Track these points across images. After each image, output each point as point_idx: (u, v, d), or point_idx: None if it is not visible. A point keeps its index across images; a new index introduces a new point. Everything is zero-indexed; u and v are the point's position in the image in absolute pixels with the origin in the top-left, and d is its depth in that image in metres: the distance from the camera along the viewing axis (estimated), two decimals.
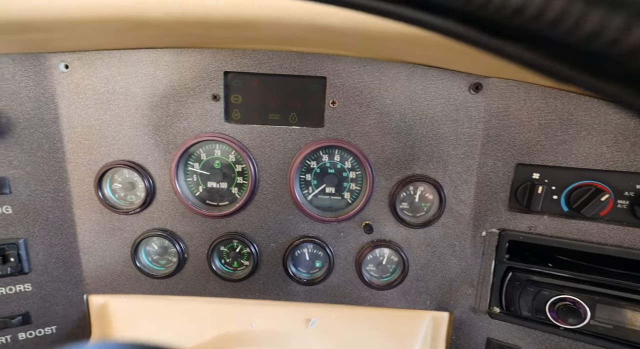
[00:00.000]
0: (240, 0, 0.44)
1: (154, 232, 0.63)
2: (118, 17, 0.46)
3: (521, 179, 0.57)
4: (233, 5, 0.45)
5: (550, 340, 0.59)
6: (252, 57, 0.57)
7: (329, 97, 0.59)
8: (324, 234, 0.64)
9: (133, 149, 0.60)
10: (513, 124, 0.56)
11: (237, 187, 0.64)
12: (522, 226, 0.58)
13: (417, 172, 0.61)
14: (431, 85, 0.58)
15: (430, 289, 0.65)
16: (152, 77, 0.57)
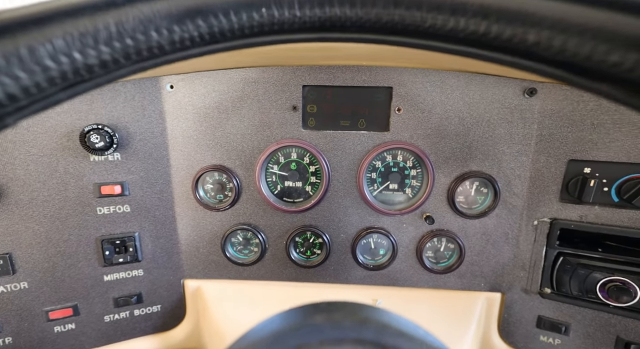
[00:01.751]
0: None
1: (240, 226, 0.73)
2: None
3: (573, 173, 0.63)
4: None
5: (600, 317, 0.65)
6: (327, 72, 0.66)
7: (394, 105, 0.66)
8: (388, 225, 0.73)
9: (224, 155, 0.70)
10: (566, 124, 0.62)
11: (310, 186, 0.73)
12: (573, 216, 0.64)
13: (473, 169, 0.68)
14: (488, 91, 0.64)
15: (485, 273, 0.73)
16: (241, 92, 0.67)
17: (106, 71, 0.22)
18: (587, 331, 0.67)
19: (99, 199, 0.66)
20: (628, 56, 0.17)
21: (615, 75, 0.19)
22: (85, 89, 0.23)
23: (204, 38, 0.23)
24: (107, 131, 0.60)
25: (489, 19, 0.21)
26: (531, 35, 0.20)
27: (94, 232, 0.67)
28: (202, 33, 0.23)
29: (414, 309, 0.75)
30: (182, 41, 0.22)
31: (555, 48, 0.20)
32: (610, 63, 0.19)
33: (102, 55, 0.20)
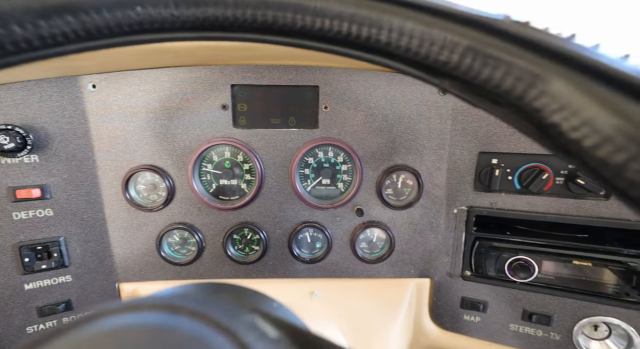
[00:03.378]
0: None
1: (175, 226, 0.73)
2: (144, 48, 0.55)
3: (483, 164, 0.69)
4: None
5: (510, 293, 0.72)
6: (255, 71, 0.67)
7: (321, 103, 0.69)
8: (322, 219, 0.76)
9: (154, 155, 0.69)
10: (475, 120, 0.68)
11: (245, 183, 0.74)
12: (485, 203, 0.71)
13: (398, 162, 0.73)
14: (407, 89, 0.69)
15: (414, 260, 0.78)
16: (168, 91, 0.66)
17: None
18: (500, 307, 0.73)
19: (15, 204, 0.63)
20: (452, 56, 0.21)
21: (448, 73, 0.22)
22: None
23: (79, 34, 0.24)
24: (18, 132, 0.58)
25: (345, 20, 0.24)
26: (383, 36, 0.23)
27: (10, 239, 0.63)
28: (74, 29, 0.24)
29: (350, 299, 0.78)
30: (54, 37, 0.23)
31: (402, 48, 0.23)
32: (442, 62, 0.22)
33: None
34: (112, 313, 0.17)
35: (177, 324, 0.17)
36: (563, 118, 0.19)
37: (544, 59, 0.19)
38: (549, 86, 0.19)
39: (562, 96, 0.19)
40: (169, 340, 0.16)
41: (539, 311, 0.70)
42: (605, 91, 0.18)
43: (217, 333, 0.17)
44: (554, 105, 0.19)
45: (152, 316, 0.17)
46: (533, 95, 0.19)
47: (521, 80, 0.20)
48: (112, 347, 0.15)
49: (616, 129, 0.17)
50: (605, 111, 0.18)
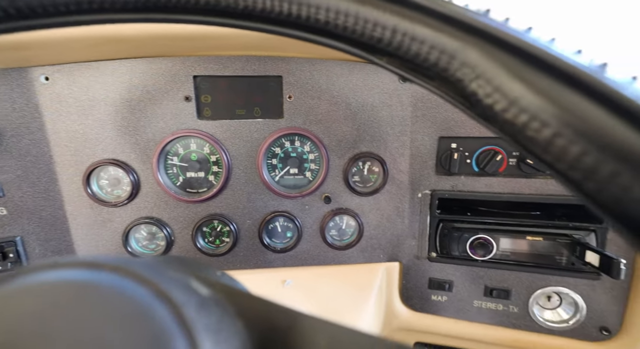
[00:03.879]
0: None
1: (142, 220, 0.72)
2: (96, 37, 0.54)
3: (443, 148, 0.72)
4: None
5: (473, 271, 0.76)
6: (217, 62, 0.67)
7: (285, 93, 0.70)
8: (291, 208, 0.77)
9: (117, 148, 0.68)
10: (434, 106, 0.71)
11: (213, 175, 0.74)
12: (446, 186, 0.74)
13: (363, 150, 0.74)
14: (369, 78, 0.71)
15: (383, 245, 0.80)
16: (128, 84, 0.65)
17: None
18: (465, 285, 0.77)
19: None
20: (384, 33, 0.22)
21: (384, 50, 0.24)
22: None
23: (8, 12, 0.23)
24: None
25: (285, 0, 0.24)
26: (321, 16, 0.24)
27: None
28: (3, 6, 0.23)
29: (322, 285, 0.79)
30: None
31: (340, 27, 0.24)
32: (376, 39, 0.24)
33: None
34: (32, 271, 0.17)
35: (98, 278, 0.17)
36: (479, 86, 0.21)
37: (462, 33, 0.21)
38: (466, 57, 0.21)
39: (477, 65, 0.20)
40: (88, 293, 0.16)
41: (498, 286, 0.74)
42: (511, 60, 0.20)
43: (138, 284, 0.17)
44: (471, 74, 0.21)
45: (72, 272, 0.17)
46: (455, 66, 0.21)
47: (444, 53, 0.21)
48: (28, 301, 0.16)
49: (520, 94, 0.19)
50: (510, 78, 0.20)
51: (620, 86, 0.17)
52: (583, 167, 0.17)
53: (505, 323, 0.75)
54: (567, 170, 0.18)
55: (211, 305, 0.19)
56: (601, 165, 0.17)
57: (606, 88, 0.17)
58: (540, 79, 0.19)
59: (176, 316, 0.17)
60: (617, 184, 0.16)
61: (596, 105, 0.17)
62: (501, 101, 0.20)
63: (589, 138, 0.17)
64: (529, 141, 0.20)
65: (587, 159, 0.17)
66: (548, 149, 0.18)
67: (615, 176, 0.16)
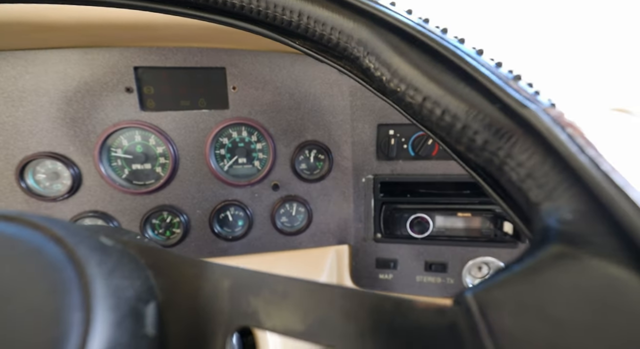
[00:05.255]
0: None
1: (85, 215, 0.70)
2: (21, 23, 0.53)
3: (382, 135, 0.78)
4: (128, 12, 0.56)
5: (413, 248, 0.82)
6: (158, 53, 0.68)
7: (230, 84, 0.72)
8: (241, 197, 0.78)
9: (53, 141, 0.66)
10: (370, 95, 0.75)
11: (160, 167, 0.74)
12: (387, 171, 0.79)
13: (308, 138, 0.78)
14: (310, 69, 0.74)
15: (331, 229, 0.84)
16: (63, 74, 0.64)
17: None
18: (407, 262, 0.83)
19: None
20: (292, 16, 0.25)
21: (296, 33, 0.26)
22: None
23: None
24: None
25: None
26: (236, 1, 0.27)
27: None
28: None
29: (275, 270, 0.82)
30: None
31: (254, 11, 0.27)
32: (287, 22, 0.27)
33: None
34: None
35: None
36: (369, 61, 0.25)
37: (356, 15, 0.24)
38: (360, 36, 0.24)
39: (367, 43, 0.24)
40: None
41: (436, 261, 0.81)
42: (392, 37, 0.24)
43: (32, 230, 0.19)
44: (364, 51, 0.25)
45: None
46: (352, 45, 0.25)
47: (342, 33, 0.25)
48: None
49: (398, 65, 0.23)
50: (392, 53, 0.23)
51: (467, 56, 0.21)
52: (444, 125, 0.22)
53: (444, 293, 0.82)
54: (436, 129, 0.22)
55: (110, 251, 0.21)
56: (455, 121, 0.21)
57: (457, 58, 0.21)
58: (413, 52, 0.23)
59: (67, 253, 0.19)
60: (466, 136, 0.21)
61: (449, 72, 0.21)
62: (386, 73, 0.24)
63: (445, 100, 0.21)
64: (409, 107, 0.24)
65: (446, 118, 0.21)
66: (421, 113, 0.22)
67: (463, 129, 0.21)
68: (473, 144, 0.22)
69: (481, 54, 0.23)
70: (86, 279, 0.18)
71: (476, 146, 0.22)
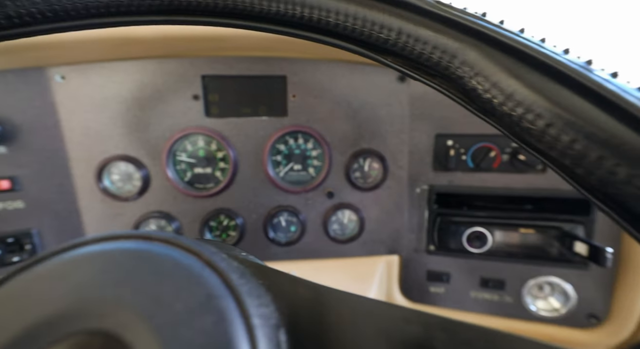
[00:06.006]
0: None
1: (151, 215, 0.75)
2: (111, 38, 0.58)
3: (440, 145, 0.76)
4: None
5: (468, 263, 0.79)
6: (224, 62, 0.70)
7: (289, 92, 0.73)
8: (295, 203, 0.80)
9: (128, 145, 0.71)
10: (430, 105, 0.74)
11: (220, 171, 0.77)
12: (443, 182, 0.77)
13: (364, 147, 0.78)
14: (368, 78, 0.74)
15: (383, 239, 0.83)
16: (139, 82, 0.68)
17: None
18: (461, 277, 0.80)
19: None
20: (390, 34, 0.25)
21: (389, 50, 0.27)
22: None
23: (45, 15, 0.26)
24: None
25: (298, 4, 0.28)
26: (331, 19, 0.27)
27: None
28: (41, 10, 0.26)
29: (324, 277, 0.82)
30: (20, 17, 0.25)
31: (349, 29, 0.27)
32: (383, 40, 0.27)
33: None
34: (93, 242, 0.20)
35: (152, 248, 0.20)
36: (478, 82, 0.24)
37: (462, 34, 0.24)
38: (466, 57, 0.24)
39: (476, 64, 0.23)
40: (143, 260, 0.19)
41: (494, 277, 0.77)
42: (506, 59, 0.23)
43: (186, 254, 0.20)
44: (471, 72, 0.24)
45: (130, 243, 0.20)
46: (456, 65, 0.24)
47: (446, 53, 0.24)
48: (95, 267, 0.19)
49: (515, 89, 0.22)
50: (506, 75, 0.23)
51: (603, 80, 0.20)
52: (573, 154, 0.19)
53: (500, 312, 0.78)
54: (559, 157, 0.20)
55: (248, 275, 0.22)
56: (589, 151, 0.19)
57: (591, 82, 0.19)
58: (533, 75, 0.22)
59: (223, 281, 0.19)
60: (603, 168, 0.18)
61: (582, 97, 0.19)
62: (498, 95, 0.23)
63: (577, 127, 0.19)
64: (525, 131, 0.22)
65: (576, 146, 0.19)
66: (542, 139, 0.20)
67: (601, 160, 0.18)
68: (613, 177, 0.20)
69: (616, 76, 0.22)
70: (246, 311, 0.18)
71: (618, 179, 0.20)
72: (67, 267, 0.19)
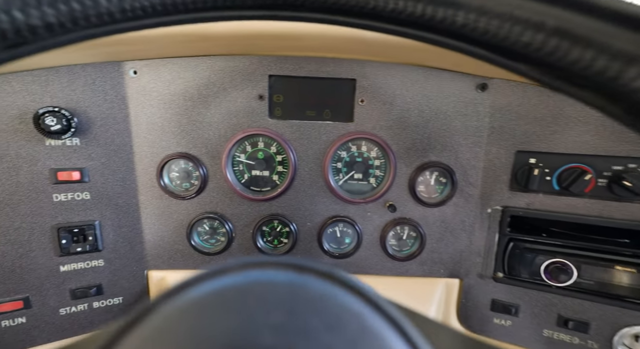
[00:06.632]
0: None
1: (206, 215, 0.73)
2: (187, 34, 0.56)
3: (520, 163, 0.68)
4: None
5: (544, 297, 0.70)
6: (293, 62, 0.67)
7: (358, 96, 0.69)
8: (353, 214, 0.75)
9: (189, 143, 0.70)
10: (513, 118, 0.67)
11: (277, 175, 0.74)
12: (521, 203, 0.69)
13: (432, 159, 0.72)
14: (444, 85, 0.68)
15: (444, 260, 0.76)
16: (207, 80, 0.67)
17: (52, 35, 0.22)
18: (534, 311, 0.71)
19: (56, 186, 0.63)
20: (535, 37, 0.20)
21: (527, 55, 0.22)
22: (29, 52, 0.23)
23: (156, 9, 0.24)
24: (64, 114, 0.59)
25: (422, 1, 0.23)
26: (459, 18, 0.23)
27: (50, 220, 0.64)
28: (153, 3, 0.24)
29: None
30: (133, 10, 0.23)
31: (479, 30, 0.23)
32: (523, 44, 0.22)
33: (46, 16, 0.20)
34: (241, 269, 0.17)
35: (306, 282, 0.17)
36: None
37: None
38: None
39: None
40: (303, 297, 0.16)
41: (575, 317, 0.68)
42: None
43: (355, 297, 0.17)
44: None
45: (280, 274, 0.17)
46: (631, 75, 0.19)
47: (616, 60, 0.19)
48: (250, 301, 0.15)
49: None
50: None
51: None
52: None
53: None
54: None
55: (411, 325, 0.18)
56: None
57: None
58: None
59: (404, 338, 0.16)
60: None
61: None
62: None
63: None
64: None
65: None
66: None
67: None
68: None
69: None
70: None
71: None
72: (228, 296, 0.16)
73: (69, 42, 0.24)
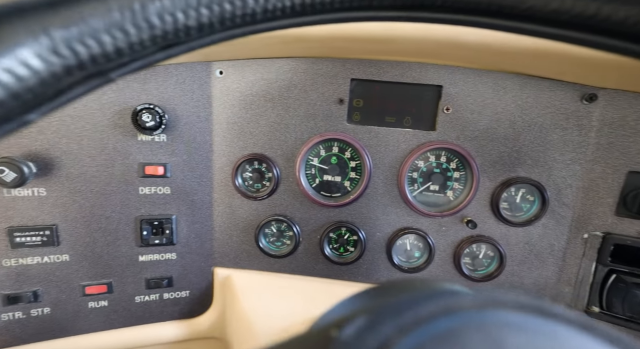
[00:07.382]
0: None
1: (276, 217, 0.73)
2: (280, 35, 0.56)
3: (632, 185, 0.60)
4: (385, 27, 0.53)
5: None
6: (376, 66, 0.65)
7: (443, 104, 0.65)
8: (426, 227, 0.71)
9: (266, 144, 0.70)
10: (628, 134, 0.59)
11: (349, 181, 0.72)
12: (630, 231, 0.61)
13: (521, 175, 0.65)
14: (543, 95, 0.62)
15: (525, 285, 0.69)
16: (288, 82, 0.67)
17: (200, 35, 0.21)
18: None
19: (142, 179, 0.66)
20: None
21: None
22: (179, 52, 0.23)
23: (295, 9, 0.23)
24: (158, 111, 0.61)
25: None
26: None
27: (134, 212, 0.67)
28: (294, 3, 0.22)
29: None
30: (274, 10, 0.22)
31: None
32: None
33: (201, 17, 0.20)
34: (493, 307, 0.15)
35: None
36: None
37: None
38: None
39: None
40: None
41: None
42: None
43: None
44: None
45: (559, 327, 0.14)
46: None
47: None
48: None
49: None
50: None
51: None
52: None
53: None
54: None
55: None
56: None
57: None
58: None
59: None
60: None
61: None
62: None
63: None
64: None
65: None
66: None
67: None
68: None
69: None
70: None
71: None
72: None
73: (211, 43, 0.23)
